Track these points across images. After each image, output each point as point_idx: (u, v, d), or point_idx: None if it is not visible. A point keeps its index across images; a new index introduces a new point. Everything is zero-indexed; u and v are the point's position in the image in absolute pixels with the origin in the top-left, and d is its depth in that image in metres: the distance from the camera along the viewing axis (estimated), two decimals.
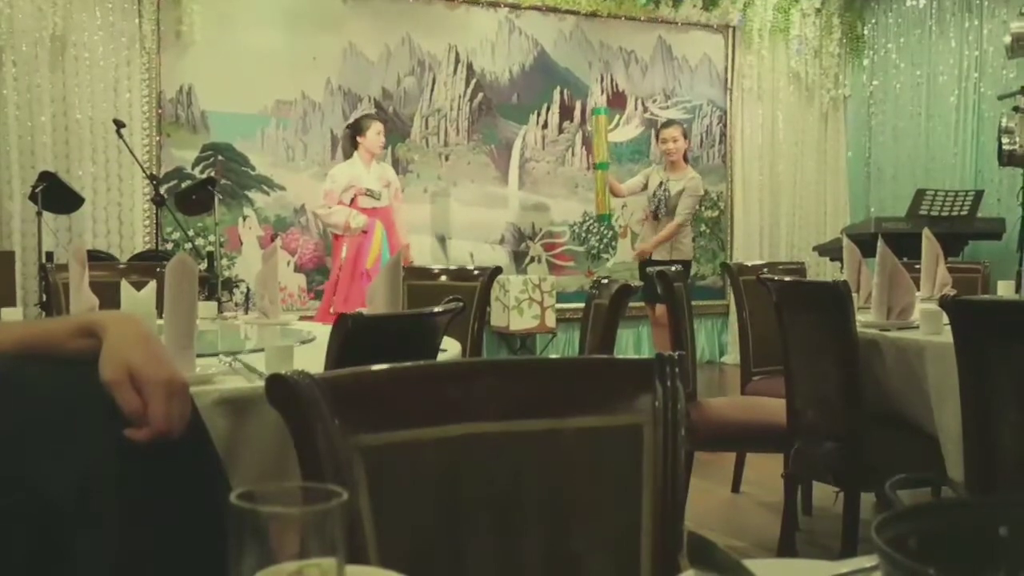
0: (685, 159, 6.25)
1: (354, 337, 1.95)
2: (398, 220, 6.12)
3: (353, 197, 5.90)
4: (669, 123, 6.47)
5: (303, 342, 2.54)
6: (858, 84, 8.54)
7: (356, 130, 6.04)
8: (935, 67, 7.95)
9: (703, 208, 7.93)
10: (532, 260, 7.57)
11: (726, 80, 8.19)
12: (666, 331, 5.68)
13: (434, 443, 1.13)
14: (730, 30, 8.16)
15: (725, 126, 8.22)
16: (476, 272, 3.68)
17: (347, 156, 6.14)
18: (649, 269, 3.94)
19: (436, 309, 2.18)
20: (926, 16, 8.07)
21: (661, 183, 6.18)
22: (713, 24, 8.11)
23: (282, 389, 1.08)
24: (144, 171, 6.05)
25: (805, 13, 8.29)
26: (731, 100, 8.20)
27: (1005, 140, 5.57)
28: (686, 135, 6.29)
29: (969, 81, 7.74)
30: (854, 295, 2.84)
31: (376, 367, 1.15)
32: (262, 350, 2.13)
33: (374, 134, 5.95)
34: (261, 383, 1.29)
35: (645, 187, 6.31)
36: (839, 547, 2.90)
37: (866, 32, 8.49)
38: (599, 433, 1.22)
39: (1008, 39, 5.90)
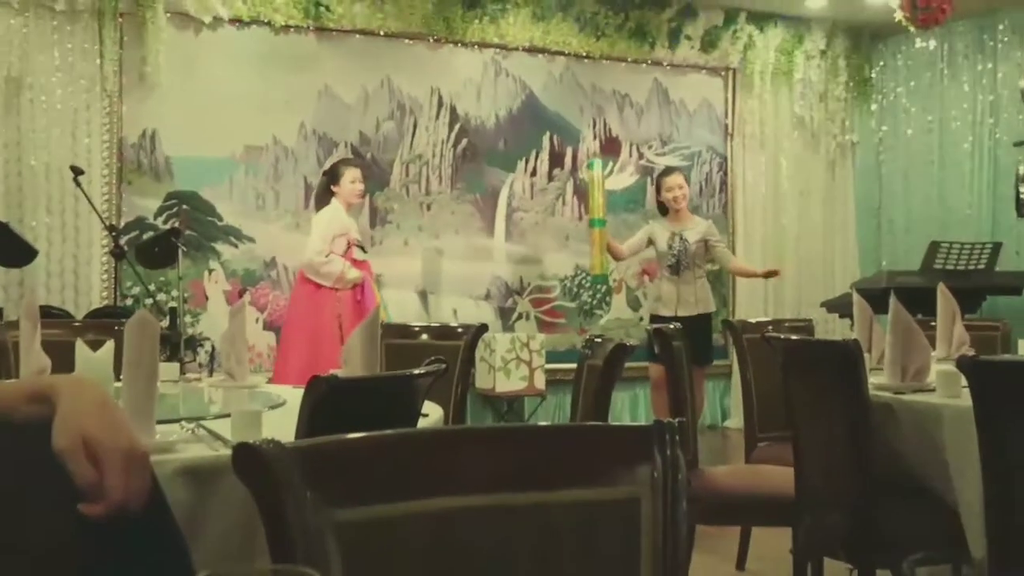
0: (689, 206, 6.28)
1: (328, 402, 1.94)
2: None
3: (347, 247, 5.73)
4: (669, 170, 6.49)
5: (272, 407, 2.52)
6: (866, 130, 8.64)
7: (331, 178, 5.86)
8: (947, 112, 8.06)
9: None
10: (520, 317, 7.57)
11: (726, 125, 8.29)
12: (665, 395, 5.66)
13: (415, 518, 1.13)
14: (730, 73, 8.27)
15: (726, 174, 8.29)
16: (460, 330, 3.67)
17: (320, 206, 5.99)
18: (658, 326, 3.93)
19: (417, 371, 2.17)
20: (937, 58, 8.19)
21: (673, 235, 6.08)
22: (712, 66, 8.22)
23: (250, 459, 1.07)
24: (103, 221, 6.04)
25: (809, 55, 8.41)
26: (732, 146, 8.29)
27: (1023, 189, 5.63)
28: (688, 181, 6.31)
29: (984, 127, 7.85)
30: (866, 355, 2.85)
31: (352, 435, 1.14)
32: (228, 415, 2.11)
33: (348, 182, 5.76)
34: (227, 452, 1.28)
35: (650, 243, 6.22)
36: None
37: (874, 75, 8.62)
38: (593, 506, 1.21)
39: None
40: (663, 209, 6.20)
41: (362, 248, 5.85)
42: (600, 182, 6.35)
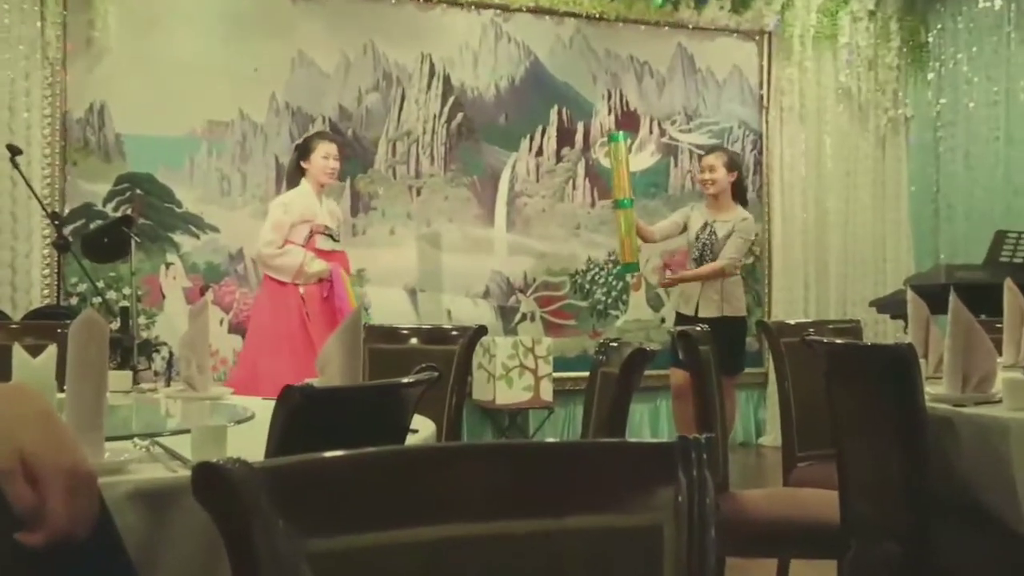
0: (736, 195, 6.22)
1: (303, 415, 1.94)
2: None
3: (309, 235, 5.73)
4: (710, 149, 6.55)
5: (239, 421, 2.52)
6: (922, 102, 8.63)
7: (301, 153, 5.90)
8: (1015, 81, 8.04)
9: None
10: (524, 318, 7.58)
11: (761, 97, 8.28)
12: (688, 404, 5.59)
13: (402, 548, 1.12)
14: (765, 37, 8.27)
15: (761, 153, 8.29)
16: (454, 333, 3.67)
17: (291, 186, 6.00)
18: (676, 328, 3.93)
19: (405, 380, 2.17)
20: (1003, 20, 8.17)
21: (706, 224, 6.15)
22: (744, 29, 8.21)
23: (212, 481, 1.07)
24: (44, 208, 6.04)
25: (856, 16, 8.40)
26: (767, 121, 8.28)
27: None
28: (732, 165, 6.23)
29: None
30: (921, 361, 2.84)
31: (331, 454, 1.14)
32: (188, 431, 2.12)
33: (320, 157, 5.77)
34: (186, 473, 1.28)
35: (684, 229, 6.29)
36: None
37: (931, 40, 8.61)
38: (608, 535, 1.21)
39: None
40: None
41: (331, 236, 5.81)
42: (625, 158, 6.35)
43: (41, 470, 1.01)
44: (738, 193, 6.22)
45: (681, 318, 6.13)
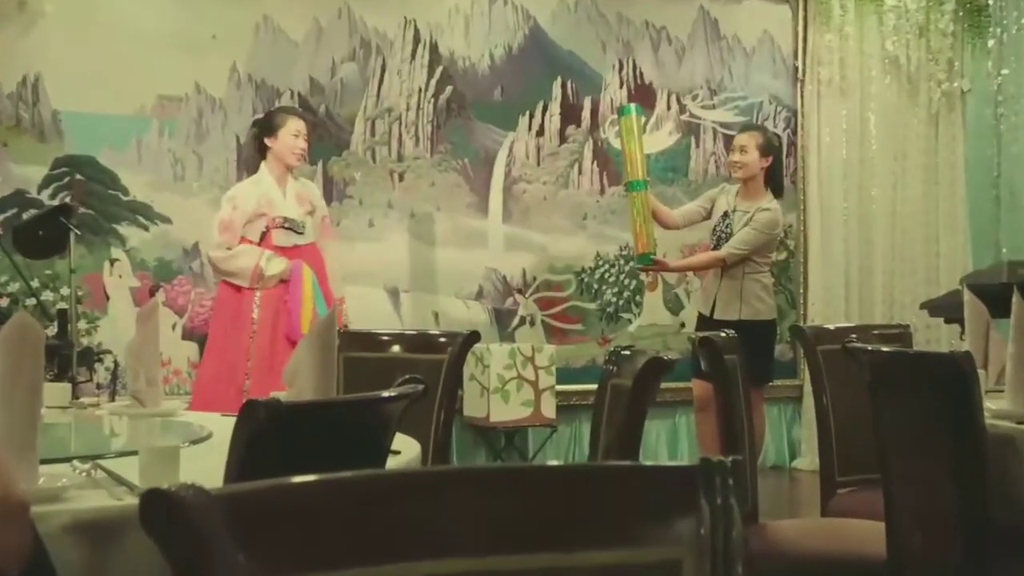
0: (770, 182, 6.19)
1: (267, 434, 1.94)
2: (329, 263, 6.04)
3: (265, 231, 5.71)
4: (743, 128, 6.56)
5: (194, 441, 2.52)
6: (980, 74, 8.63)
7: (264, 130, 5.84)
8: None
9: None
10: (522, 322, 7.57)
11: (796, 68, 8.28)
12: (712, 421, 5.60)
13: None
14: (800, 0, 8.27)
15: (795, 132, 8.29)
16: (443, 339, 3.68)
17: (249, 170, 5.94)
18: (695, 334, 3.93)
19: (385, 394, 2.17)
20: None
21: (726, 213, 6.17)
22: None
23: (163, 510, 1.07)
24: None
25: None
26: (803, 96, 8.28)
27: None
28: (768, 148, 6.17)
29: None
30: (980, 372, 2.84)
31: (299, 479, 1.14)
32: (135, 453, 2.11)
33: (289, 135, 5.72)
34: (133, 501, 1.27)
35: (710, 216, 6.31)
36: None
37: (991, 2, 8.61)
38: (621, 572, 1.21)
39: None
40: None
41: (293, 229, 5.78)
42: (638, 133, 6.35)
43: None
44: (772, 181, 6.20)
45: (702, 321, 6.14)
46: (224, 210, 5.73)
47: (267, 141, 5.74)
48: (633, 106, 6.54)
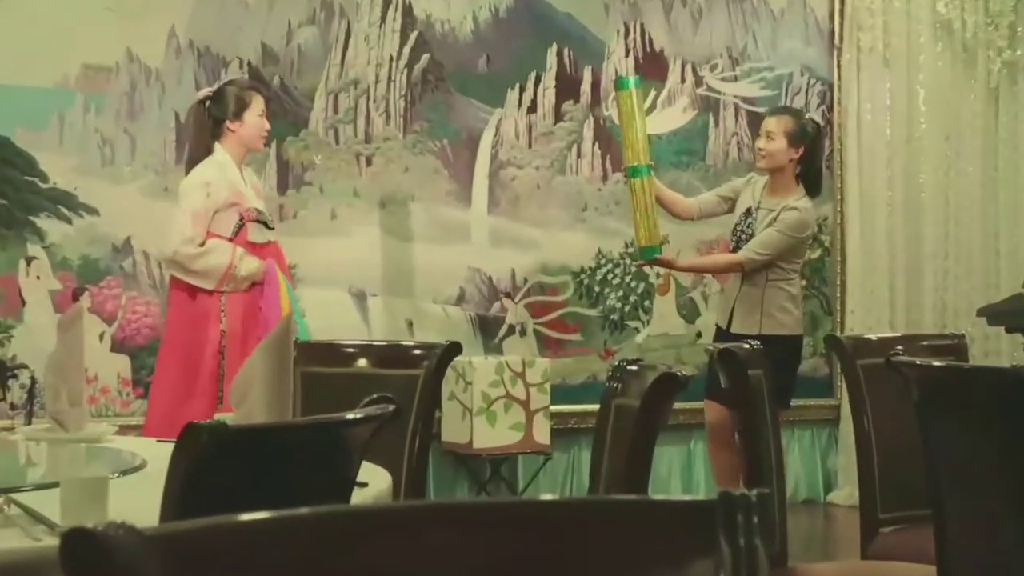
0: (804, 177, 6.20)
1: (211, 463, 1.94)
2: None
3: (240, 225, 5.67)
4: (773, 110, 6.58)
5: (125, 471, 2.51)
6: None
7: (224, 110, 5.76)
8: None
9: None
10: (511, 332, 7.58)
11: (832, 34, 8.30)
12: (730, 449, 5.68)
13: None
14: None
15: (831, 109, 8.31)
16: (418, 352, 3.69)
17: (195, 157, 5.88)
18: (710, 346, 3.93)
19: (350, 416, 2.17)
20: None
21: (749, 210, 6.19)
22: None
23: (88, 552, 1.06)
24: None
25: None
26: (840, 67, 8.30)
27: None
28: (798, 137, 6.15)
29: None
30: None
31: (248, 517, 1.14)
32: (56, 485, 2.11)
33: (255, 116, 5.74)
34: (53, 541, 1.27)
35: (732, 209, 6.35)
36: None
37: None
38: None
39: None
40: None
41: (266, 224, 5.79)
42: (639, 110, 6.35)
43: None
44: (806, 176, 6.20)
45: (719, 334, 6.16)
46: (195, 198, 5.61)
47: (230, 125, 5.69)
48: (632, 78, 6.51)
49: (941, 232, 8.39)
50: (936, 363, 3.24)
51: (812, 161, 6.23)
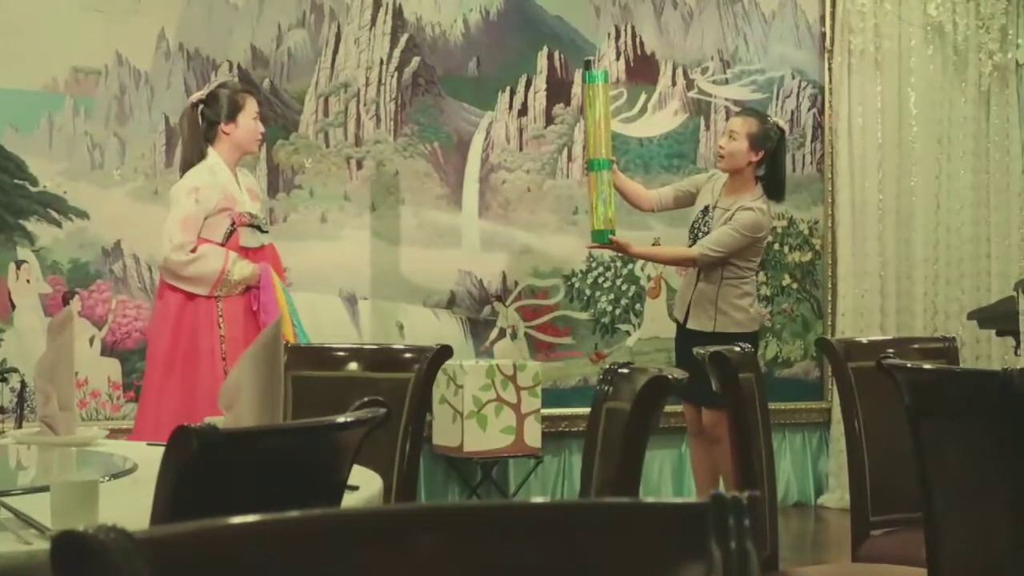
0: (765, 181, 6.25)
1: (201, 467, 1.93)
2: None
3: (232, 230, 5.65)
4: (747, 112, 6.63)
5: (116, 475, 2.51)
6: None
7: (218, 114, 5.73)
8: None
9: (785, 249, 7.99)
10: (502, 335, 7.57)
11: (823, 37, 8.30)
12: (705, 450, 5.70)
13: None
14: None
15: (822, 112, 8.31)
16: (408, 355, 3.69)
17: (189, 161, 5.87)
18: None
19: (341, 419, 2.17)
20: None
21: (707, 208, 6.29)
22: None
23: (79, 556, 1.06)
24: None
25: None
26: (831, 69, 8.30)
27: None
28: (760, 141, 6.21)
29: None
30: None
31: (238, 520, 1.14)
32: (46, 488, 2.11)
33: (250, 119, 5.72)
34: (44, 545, 1.27)
35: (692, 201, 6.44)
36: None
37: None
38: None
39: None
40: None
41: (259, 228, 5.77)
42: (603, 103, 6.40)
43: None
44: (769, 180, 6.28)
45: (678, 330, 6.37)
46: (185, 204, 5.58)
47: (225, 128, 5.67)
48: (600, 72, 6.64)
49: (932, 235, 8.39)
50: (927, 366, 3.24)
51: (775, 166, 6.32)
